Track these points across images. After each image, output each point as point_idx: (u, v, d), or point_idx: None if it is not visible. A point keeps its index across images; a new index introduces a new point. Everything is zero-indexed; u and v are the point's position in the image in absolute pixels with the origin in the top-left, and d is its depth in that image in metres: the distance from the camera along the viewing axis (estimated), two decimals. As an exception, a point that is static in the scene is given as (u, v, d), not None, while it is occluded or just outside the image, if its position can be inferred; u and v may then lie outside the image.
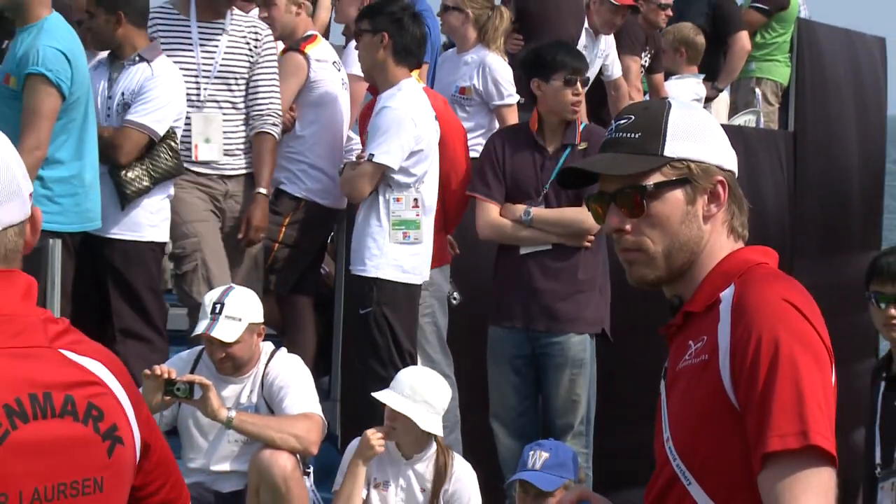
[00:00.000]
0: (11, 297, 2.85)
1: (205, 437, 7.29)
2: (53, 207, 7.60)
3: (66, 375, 2.84)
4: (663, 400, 3.46)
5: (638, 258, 3.45)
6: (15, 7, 7.75)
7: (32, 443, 2.77)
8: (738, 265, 3.42)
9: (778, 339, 3.21)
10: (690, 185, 3.42)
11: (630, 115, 3.52)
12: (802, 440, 3.14)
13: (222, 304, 7.14)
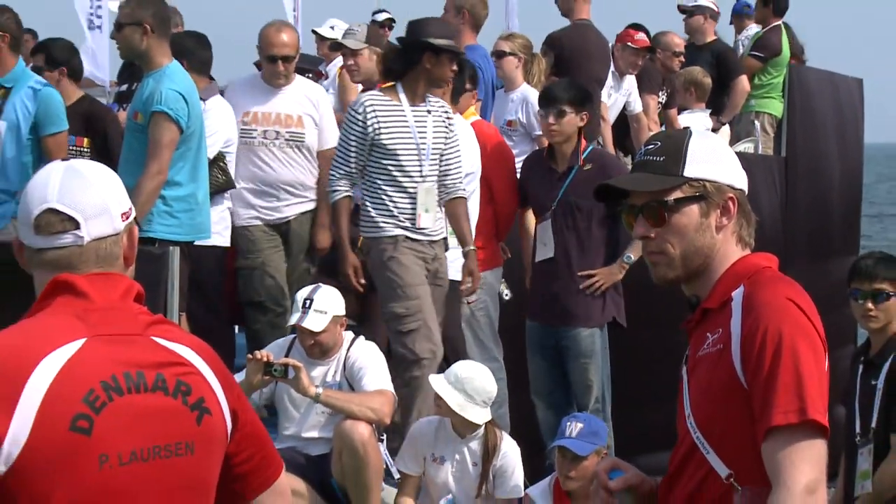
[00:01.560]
0: (110, 295, 2.92)
1: (297, 409, 7.33)
2: (173, 221, 7.66)
3: (157, 357, 2.89)
4: (685, 382, 3.48)
5: (660, 260, 3.48)
6: (142, 56, 7.83)
7: (127, 412, 2.79)
8: (747, 268, 3.45)
9: (781, 331, 3.25)
10: (705, 200, 3.46)
11: (657, 142, 3.57)
12: (801, 416, 3.18)
13: (311, 300, 7.18)
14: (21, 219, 2.96)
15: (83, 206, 2.93)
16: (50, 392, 2.71)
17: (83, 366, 2.77)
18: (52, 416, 2.71)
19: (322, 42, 12.24)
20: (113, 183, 3.00)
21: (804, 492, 3.17)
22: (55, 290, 2.89)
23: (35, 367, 2.72)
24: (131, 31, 7.74)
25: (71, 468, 2.74)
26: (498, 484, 7.12)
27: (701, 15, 12.85)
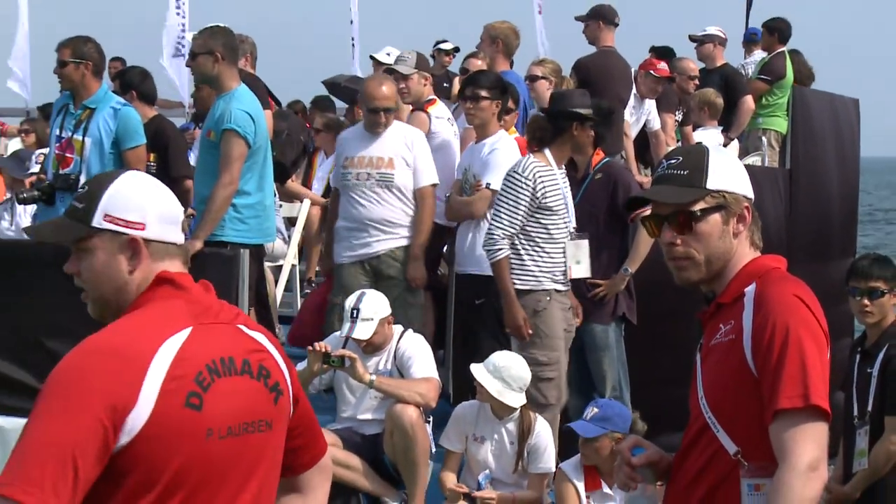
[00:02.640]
0: (200, 289, 3.00)
1: (353, 394, 7.35)
2: (243, 227, 7.71)
3: (244, 344, 2.96)
4: (698, 367, 3.51)
5: (686, 265, 3.49)
6: (214, 81, 7.89)
7: (225, 392, 2.85)
8: (759, 268, 3.47)
9: (788, 325, 3.28)
10: (725, 209, 3.49)
11: (678, 157, 3.57)
12: (805, 401, 3.21)
13: (358, 310, 7.20)
14: (167, 218, 3.00)
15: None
16: (169, 373, 2.76)
17: (192, 351, 2.82)
18: (171, 394, 2.76)
19: (378, 66, 12.27)
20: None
21: (807, 468, 3.19)
22: (158, 284, 2.95)
23: (156, 351, 2.77)
24: (204, 59, 7.80)
25: (184, 440, 2.79)
26: (531, 460, 7.12)
27: (710, 43, 12.88)
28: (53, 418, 2.66)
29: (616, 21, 10.80)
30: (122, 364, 2.73)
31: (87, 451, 2.65)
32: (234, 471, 2.90)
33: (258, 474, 2.97)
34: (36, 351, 6.41)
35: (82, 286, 2.98)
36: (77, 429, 2.66)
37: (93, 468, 2.67)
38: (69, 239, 2.95)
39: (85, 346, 2.77)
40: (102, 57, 8.43)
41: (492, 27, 10.21)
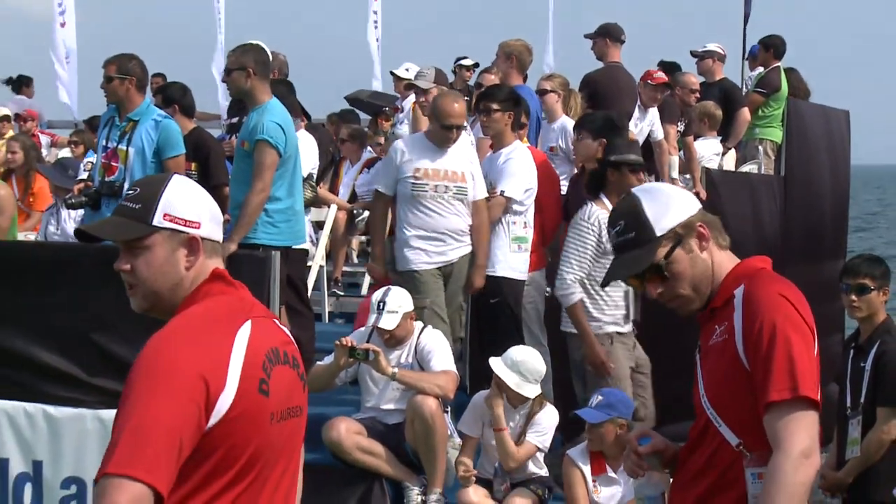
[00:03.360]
0: (245, 288, 3.01)
1: (376, 386, 7.33)
2: (274, 230, 7.70)
3: (282, 336, 2.99)
4: (698, 367, 3.51)
5: (679, 303, 3.51)
6: (247, 94, 7.89)
7: (278, 379, 2.88)
8: (746, 270, 3.45)
9: (775, 322, 3.27)
10: (682, 241, 3.45)
11: (619, 222, 3.52)
12: (794, 392, 3.20)
13: (384, 302, 7.20)
14: (216, 218, 3.01)
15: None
16: (245, 360, 2.79)
17: (257, 340, 2.85)
18: (248, 380, 2.78)
19: (398, 81, 12.28)
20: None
21: (800, 455, 3.18)
22: (213, 281, 2.96)
23: (234, 340, 2.80)
24: (238, 74, 7.81)
25: (257, 423, 2.82)
26: (532, 431, 7.11)
27: (710, 58, 12.90)
28: (159, 401, 2.66)
29: (622, 38, 10.81)
30: (209, 352, 2.76)
31: (189, 432, 2.68)
32: (282, 452, 2.93)
33: (295, 456, 3.02)
34: (84, 345, 6.41)
35: (133, 282, 2.96)
36: (180, 411, 2.67)
37: (190, 448, 2.70)
38: (131, 236, 2.93)
39: (173, 334, 2.79)
40: (145, 73, 8.45)
41: (506, 44, 10.21)
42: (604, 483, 6.71)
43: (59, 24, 17.12)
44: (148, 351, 2.74)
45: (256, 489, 2.84)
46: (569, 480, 6.78)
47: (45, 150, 14.49)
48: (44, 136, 15.34)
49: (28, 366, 7.20)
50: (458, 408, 7.48)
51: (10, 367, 7.25)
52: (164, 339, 2.77)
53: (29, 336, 7.17)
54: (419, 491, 7.12)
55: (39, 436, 7.15)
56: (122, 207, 2.97)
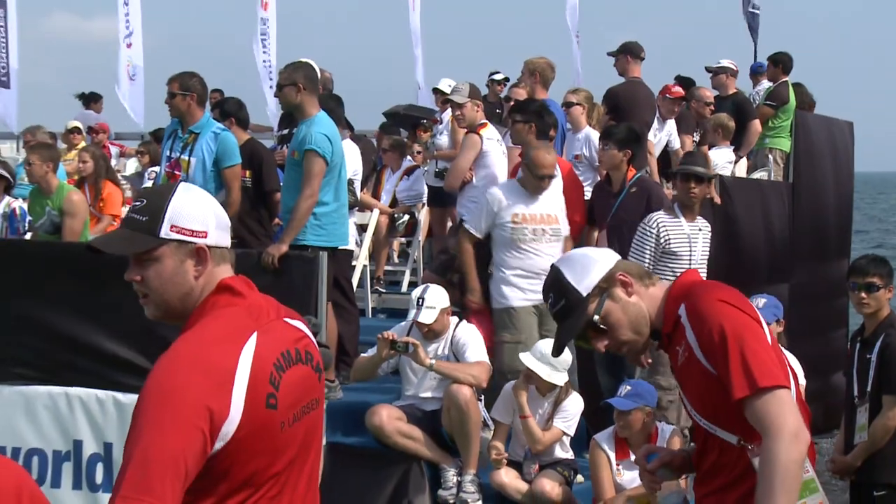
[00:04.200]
0: (249, 289, 2.89)
1: (415, 375, 7.32)
2: (322, 232, 7.68)
3: (292, 335, 2.85)
4: (680, 388, 3.51)
5: (628, 349, 3.51)
6: (297, 108, 7.89)
7: (290, 384, 2.76)
8: (681, 290, 3.42)
9: (722, 326, 3.23)
10: (608, 294, 3.43)
11: (550, 295, 3.51)
12: (752, 387, 3.16)
13: (423, 299, 7.21)
14: (222, 225, 2.88)
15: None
16: (250, 381, 2.66)
17: (263, 353, 2.72)
18: (255, 399, 2.67)
19: (439, 95, 12.28)
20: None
21: (790, 435, 3.13)
22: (219, 292, 2.83)
23: (238, 362, 2.66)
24: (289, 89, 7.82)
25: (266, 436, 2.71)
26: (559, 416, 7.12)
27: (723, 74, 12.87)
28: (164, 431, 2.56)
29: (642, 55, 10.78)
30: (213, 378, 2.63)
31: (194, 458, 2.57)
32: (302, 450, 2.84)
33: (314, 445, 2.93)
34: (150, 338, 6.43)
35: (144, 291, 2.84)
36: (185, 440, 2.56)
37: (196, 471, 2.59)
38: (138, 250, 2.80)
39: (178, 360, 2.66)
40: (205, 89, 8.48)
41: (531, 62, 10.22)
42: (626, 467, 6.68)
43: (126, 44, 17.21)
44: (154, 379, 2.63)
45: (277, 490, 2.77)
46: (594, 464, 6.76)
47: (115, 160, 14.56)
48: (113, 146, 15.42)
49: (100, 357, 7.28)
50: (491, 395, 7.44)
51: (84, 358, 7.33)
52: (169, 366, 2.64)
53: (102, 330, 7.25)
54: (455, 472, 7.11)
55: (109, 420, 7.24)
56: (130, 219, 2.84)
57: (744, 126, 12.37)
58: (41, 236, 9.27)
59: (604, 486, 6.69)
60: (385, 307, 11.77)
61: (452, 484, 7.08)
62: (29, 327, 7.52)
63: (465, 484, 7.03)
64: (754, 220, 10.92)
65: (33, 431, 7.48)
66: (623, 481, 6.67)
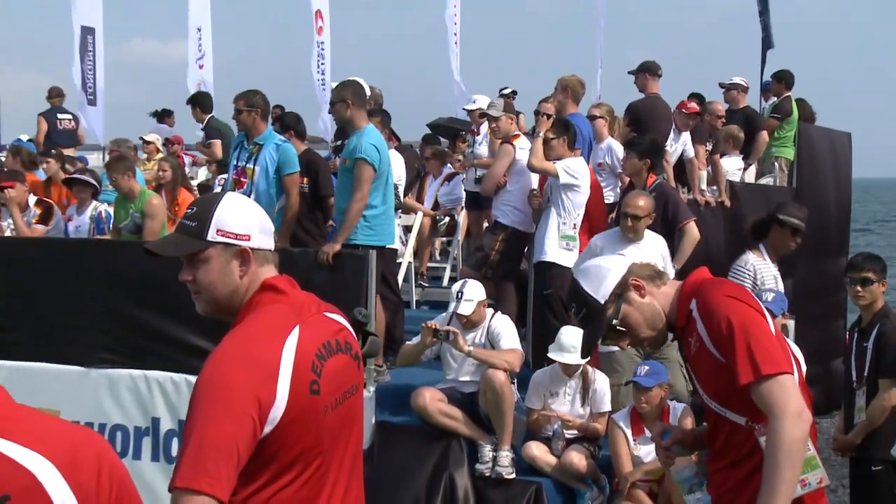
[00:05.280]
0: (292, 288, 2.87)
1: (455, 361, 7.31)
2: (371, 232, 7.69)
3: (331, 327, 2.85)
4: (693, 375, 3.50)
5: (648, 344, 3.54)
6: (348, 122, 7.90)
7: (330, 372, 2.76)
8: (692, 287, 3.43)
9: (729, 319, 3.24)
10: (623, 298, 3.45)
11: (573, 306, 3.54)
12: (756, 374, 3.17)
13: (462, 292, 7.20)
14: (265, 230, 2.88)
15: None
16: (294, 370, 2.66)
17: (305, 345, 2.71)
18: (299, 386, 2.66)
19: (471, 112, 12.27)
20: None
21: (793, 415, 3.13)
22: (263, 291, 2.82)
23: (282, 352, 2.66)
24: (340, 105, 7.84)
25: (310, 420, 2.70)
26: (595, 404, 7.15)
27: (735, 90, 12.82)
28: (217, 420, 2.56)
29: (659, 73, 10.74)
30: (259, 371, 2.62)
31: (245, 443, 2.57)
32: (344, 430, 2.84)
33: (356, 429, 2.93)
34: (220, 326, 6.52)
35: (196, 290, 2.86)
36: (236, 427, 2.56)
37: (247, 455, 2.60)
38: (189, 251, 2.82)
39: (226, 356, 2.66)
40: (267, 105, 8.53)
41: (563, 79, 10.19)
42: (642, 442, 6.68)
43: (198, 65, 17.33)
44: (206, 374, 2.63)
45: (324, 469, 2.76)
46: (613, 441, 6.76)
47: (188, 168, 14.67)
48: (186, 156, 15.52)
49: (175, 344, 7.35)
50: (522, 380, 7.44)
51: (161, 344, 7.41)
52: (220, 361, 2.64)
53: (176, 321, 7.32)
54: (490, 448, 7.11)
55: (183, 400, 7.30)
56: (182, 225, 2.86)
57: (753, 136, 12.32)
58: (125, 236, 9.35)
59: (622, 461, 6.69)
60: (428, 300, 11.78)
61: (488, 458, 7.08)
62: (114, 318, 7.61)
63: (500, 458, 7.03)
64: (761, 221, 10.86)
65: (117, 409, 7.56)
66: (640, 454, 6.68)
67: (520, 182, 8.83)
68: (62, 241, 9.44)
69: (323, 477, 2.77)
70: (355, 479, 2.91)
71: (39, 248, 8.33)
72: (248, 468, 2.62)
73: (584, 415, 7.16)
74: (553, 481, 7.03)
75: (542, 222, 8.31)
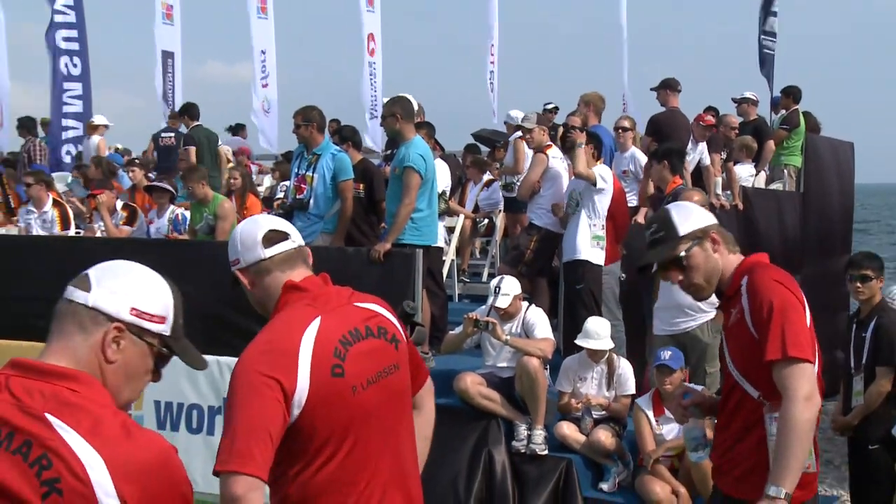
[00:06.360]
0: (318, 283, 2.87)
1: (494, 349, 7.31)
2: (418, 233, 7.70)
3: (361, 315, 2.83)
4: (724, 343, 3.48)
5: (695, 290, 3.50)
6: (397, 133, 7.92)
7: (359, 355, 2.75)
8: (747, 266, 3.41)
9: (772, 301, 3.22)
10: (699, 242, 3.42)
11: (653, 224, 3.51)
12: (784, 353, 3.16)
13: (500, 287, 7.19)
14: (266, 243, 2.89)
15: (292, 228, 2.97)
16: (313, 356, 2.67)
17: (325, 333, 2.72)
18: (319, 370, 2.67)
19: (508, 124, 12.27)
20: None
21: (804, 398, 3.13)
22: (288, 292, 2.85)
23: (300, 342, 2.67)
24: (390, 119, 7.85)
25: (338, 399, 2.70)
26: (619, 387, 7.11)
27: (745, 103, 12.75)
28: (244, 407, 2.59)
29: (679, 88, 10.68)
30: (280, 359, 2.65)
31: (274, 424, 2.59)
32: (387, 406, 2.82)
33: (405, 402, 2.92)
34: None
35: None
36: (267, 412, 2.58)
37: (279, 437, 2.61)
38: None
39: (250, 352, 2.69)
40: (323, 118, 8.56)
41: (586, 95, 10.23)
42: (664, 422, 6.65)
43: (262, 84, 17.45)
44: (235, 369, 2.67)
45: (360, 452, 2.74)
46: (637, 422, 6.74)
47: (255, 176, 14.78)
48: (253, 165, 15.65)
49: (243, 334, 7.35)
50: (554, 366, 7.43)
51: (231, 334, 7.45)
52: (245, 356, 2.68)
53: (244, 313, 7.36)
54: (525, 427, 7.11)
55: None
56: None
57: (761, 145, 12.23)
58: (200, 237, 9.45)
59: (645, 440, 6.67)
60: (469, 294, 11.78)
61: (524, 436, 7.07)
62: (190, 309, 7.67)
63: (534, 436, 7.03)
64: (771, 223, 10.78)
65: (193, 391, 7.64)
66: (662, 432, 6.65)
67: (552, 188, 8.80)
68: (144, 241, 9.56)
69: (362, 458, 2.75)
70: (406, 453, 2.88)
71: (126, 246, 8.43)
72: (287, 448, 2.64)
73: (609, 397, 7.13)
74: (582, 457, 7.01)
75: (572, 224, 8.27)
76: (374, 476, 2.76)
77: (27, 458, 1.81)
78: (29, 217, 10.58)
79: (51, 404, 1.87)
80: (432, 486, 7.09)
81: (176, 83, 16.54)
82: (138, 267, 2.15)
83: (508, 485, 6.98)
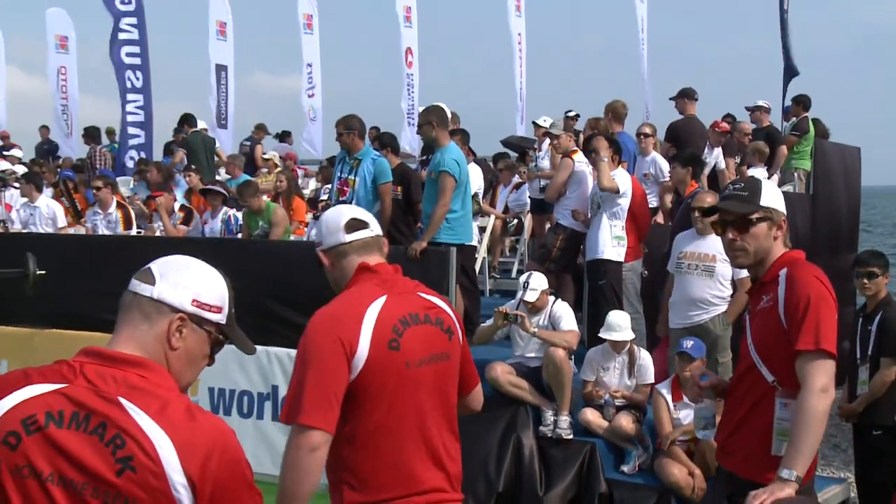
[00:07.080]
0: (389, 271, 2.94)
1: (522, 340, 7.30)
2: (452, 232, 7.72)
3: (422, 304, 2.90)
4: (747, 324, 3.43)
5: (741, 255, 3.42)
6: (433, 140, 7.94)
7: (414, 336, 2.81)
8: (789, 258, 3.37)
9: (809, 294, 3.19)
10: (771, 220, 3.38)
11: (742, 183, 3.45)
12: (816, 345, 3.13)
13: (528, 283, 7.17)
14: (349, 227, 2.96)
15: (372, 218, 3.03)
16: (375, 327, 2.74)
17: (388, 311, 2.79)
18: (379, 341, 2.74)
19: (538, 129, 12.26)
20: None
21: (820, 390, 3.11)
22: (360, 272, 2.91)
23: (365, 313, 2.75)
24: (426, 127, 7.88)
25: (391, 370, 2.76)
26: (639, 376, 7.05)
27: (758, 111, 12.69)
28: (315, 367, 2.66)
29: (696, 97, 10.64)
30: (347, 325, 2.72)
31: (340, 384, 2.67)
32: (434, 387, 2.87)
33: (451, 389, 2.95)
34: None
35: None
36: (332, 372, 2.67)
37: (342, 394, 2.68)
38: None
39: (317, 318, 2.77)
40: (363, 126, 8.58)
41: (609, 104, 10.20)
42: (681, 407, 6.61)
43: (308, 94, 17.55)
44: (307, 330, 2.74)
45: (399, 413, 2.79)
46: (656, 407, 6.70)
47: (300, 180, 14.87)
48: (299, 170, 15.73)
49: (290, 325, 7.45)
50: (579, 356, 7.42)
51: (279, 325, 7.51)
52: (317, 321, 2.75)
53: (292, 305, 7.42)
54: (552, 413, 7.10)
55: (296, 371, 7.39)
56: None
57: (773, 150, 12.15)
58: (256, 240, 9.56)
59: (664, 425, 6.63)
60: (499, 289, 11.78)
61: (550, 422, 7.07)
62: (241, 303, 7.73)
63: (560, 422, 7.02)
64: (782, 224, 10.69)
65: (243, 378, 7.70)
66: (680, 417, 6.61)
67: (577, 190, 8.77)
68: (199, 240, 9.65)
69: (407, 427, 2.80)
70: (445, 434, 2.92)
71: (183, 244, 8.52)
72: (345, 409, 2.70)
73: (630, 385, 7.09)
74: (604, 441, 6.99)
75: (595, 225, 8.23)
76: (417, 449, 2.83)
77: (103, 439, 1.84)
78: (95, 218, 10.73)
79: (122, 389, 1.90)
80: (465, 467, 7.07)
81: (229, 94, 16.67)
82: (195, 261, 2.17)
83: (536, 467, 6.97)
